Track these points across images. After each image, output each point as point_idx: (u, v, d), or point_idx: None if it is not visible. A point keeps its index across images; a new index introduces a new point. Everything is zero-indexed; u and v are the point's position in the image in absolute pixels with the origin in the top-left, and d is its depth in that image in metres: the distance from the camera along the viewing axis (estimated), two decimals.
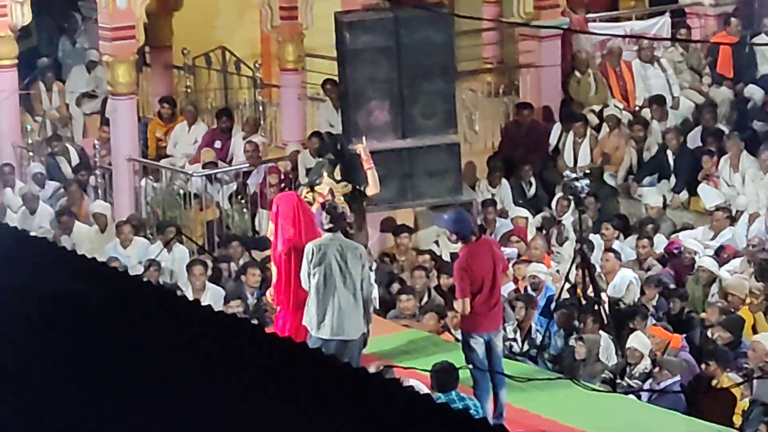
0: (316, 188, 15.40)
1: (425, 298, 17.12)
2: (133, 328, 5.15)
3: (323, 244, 14.21)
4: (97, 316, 5.13)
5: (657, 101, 22.08)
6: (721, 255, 18.11)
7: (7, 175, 20.52)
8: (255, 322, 13.17)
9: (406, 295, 17.01)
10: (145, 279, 12.68)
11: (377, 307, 16.98)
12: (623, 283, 17.22)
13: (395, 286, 17.46)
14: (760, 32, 23.11)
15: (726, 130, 20.74)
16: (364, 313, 14.27)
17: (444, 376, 13.04)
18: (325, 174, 15.68)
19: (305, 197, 15.33)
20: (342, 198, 15.37)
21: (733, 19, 23.34)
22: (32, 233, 8.19)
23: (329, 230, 14.28)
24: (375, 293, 17.23)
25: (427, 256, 18.24)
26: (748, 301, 16.66)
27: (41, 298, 5.28)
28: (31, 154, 21.66)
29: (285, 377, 4.99)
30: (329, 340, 13.73)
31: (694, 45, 23.05)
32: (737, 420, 14.45)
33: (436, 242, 19.14)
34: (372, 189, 15.26)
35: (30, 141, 22.13)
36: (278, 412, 4.59)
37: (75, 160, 21.57)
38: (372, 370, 12.24)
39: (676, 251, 18.43)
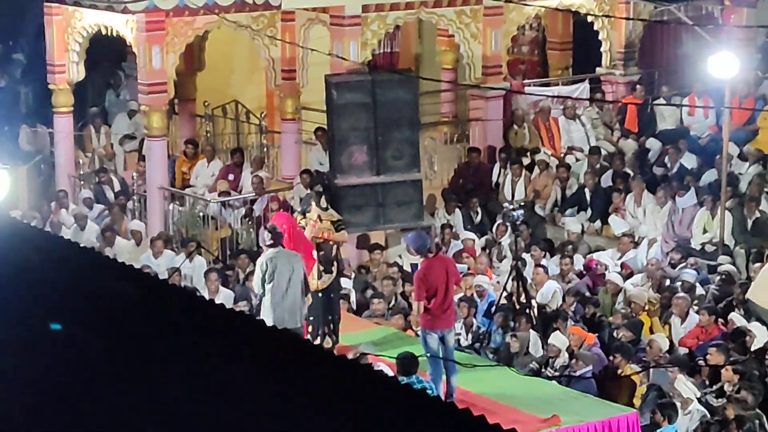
0: (307, 215, 15.45)
1: (393, 302, 17.13)
2: (161, 320, 5.15)
3: (273, 257, 14.48)
4: (132, 310, 5.13)
5: (578, 149, 22.31)
6: (624, 272, 18.21)
7: (63, 199, 20.50)
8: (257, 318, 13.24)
9: (377, 299, 17.02)
10: (170, 283, 12.65)
11: (354, 309, 17.03)
12: (549, 292, 17.26)
13: (369, 292, 17.50)
14: (658, 96, 23.16)
15: (631, 173, 20.73)
16: (303, 306, 14.61)
17: (407, 363, 13.04)
18: (313, 203, 15.73)
19: (300, 223, 15.36)
20: (329, 222, 15.43)
21: (638, 86, 23.42)
22: (82, 245, 8.17)
23: (271, 246, 14.64)
24: (352, 297, 17.30)
25: (395, 268, 18.25)
26: (646, 308, 16.70)
27: (89, 295, 5.28)
28: (82, 182, 21.60)
29: (280, 361, 4.99)
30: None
31: (608, 105, 23.08)
32: (636, 402, 14.49)
33: (400, 256, 19.21)
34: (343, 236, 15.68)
35: (81, 172, 22.07)
36: (276, 390, 4.58)
37: (117, 187, 21.55)
38: (350, 356, 12.27)
39: (591, 267, 18.53)
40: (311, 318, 14.99)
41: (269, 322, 13.86)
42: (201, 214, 20.63)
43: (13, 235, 6.40)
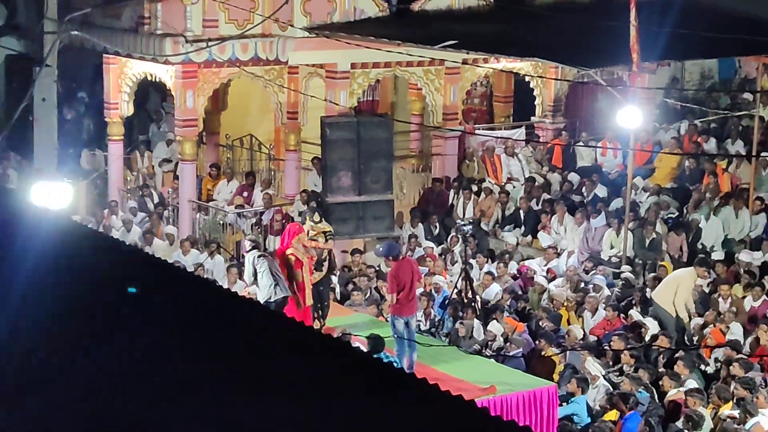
0: (304, 226, 15.51)
1: (368, 294, 17.13)
2: (186, 302, 5.17)
3: (259, 256, 14.91)
4: (166, 295, 5.14)
5: (515, 179, 22.37)
6: (549, 276, 18.26)
7: (113, 208, 20.47)
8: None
9: (357, 291, 17.03)
10: (195, 275, 12.64)
11: (339, 299, 17.03)
12: (491, 292, 17.31)
13: (350, 286, 17.51)
14: (579, 140, 23.22)
15: (556, 199, 20.79)
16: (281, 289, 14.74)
17: (377, 342, 13.06)
18: (308, 217, 15.81)
19: (309, 230, 15.50)
20: (321, 232, 15.47)
21: (563, 132, 23.50)
22: (127, 244, 8.18)
23: (252, 249, 15.12)
24: (337, 289, 17.29)
25: (372, 269, 18.25)
26: (565, 304, 16.75)
27: (133, 281, 5.28)
28: (128, 195, 21.57)
29: (281, 337, 5.00)
30: (273, 301, 14.05)
31: (539, 146, 23.14)
32: (555, 377, 14.54)
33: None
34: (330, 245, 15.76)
35: (128, 187, 22.06)
36: (275, 359, 4.59)
37: (156, 200, 21.52)
38: (336, 334, 12.27)
39: (523, 272, 18.58)
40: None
41: (262, 300, 14.19)
42: (221, 221, 20.66)
43: (74, 235, 6.40)
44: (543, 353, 14.99)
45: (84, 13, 18.67)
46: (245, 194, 21.30)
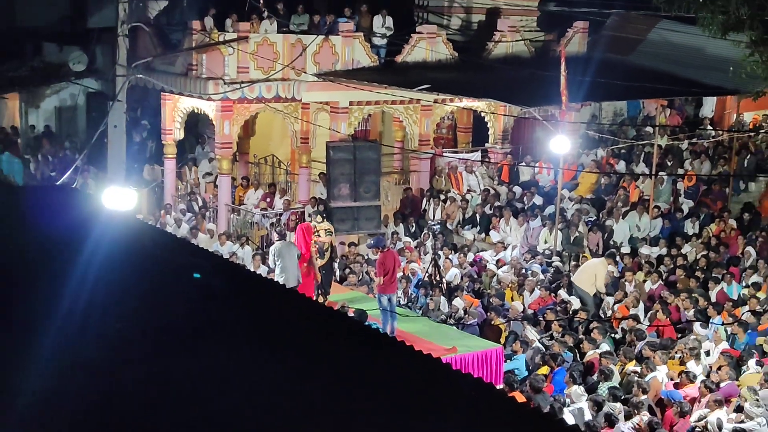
0: (312, 224, 15.64)
1: (361, 277, 17.14)
2: (224, 280, 5.17)
3: (282, 245, 15.16)
4: (207, 275, 5.15)
5: (473, 191, 22.42)
6: (498, 264, 18.29)
7: (168, 209, 20.39)
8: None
9: (352, 274, 17.08)
10: (230, 261, 12.64)
11: (338, 279, 17.05)
12: (453, 276, 17.34)
13: (347, 270, 17.50)
14: (522, 161, 23.25)
15: (504, 206, 20.84)
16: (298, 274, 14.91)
17: (361, 315, 13.14)
18: (316, 218, 15.90)
19: (316, 227, 15.60)
20: (324, 230, 15.55)
21: (509, 155, 23.57)
22: (178, 237, 8.20)
23: (279, 239, 15.44)
24: (337, 273, 17.32)
25: (363, 257, 18.26)
26: (510, 285, 16.79)
27: (182, 265, 5.28)
28: (179, 200, 21.50)
29: (296, 311, 5.02)
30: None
31: (491, 165, 23.19)
32: (502, 341, 14.55)
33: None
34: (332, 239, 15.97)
35: (179, 193, 22.01)
36: (287, 332, 4.61)
37: (200, 203, 21.45)
38: (337, 307, 12.30)
39: (478, 260, 18.59)
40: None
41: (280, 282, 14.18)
42: (249, 221, 20.63)
43: (139, 230, 6.41)
44: (492, 322, 15.04)
45: (147, 60, 18.69)
46: (268, 200, 21.31)
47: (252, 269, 15.58)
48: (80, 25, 28.96)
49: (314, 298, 13.96)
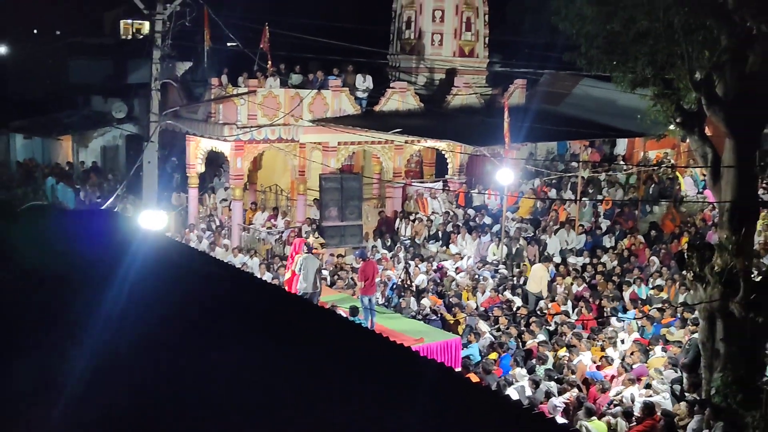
0: (309, 241, 15.53)
1: (347, 282, 17.06)
2: (235, 285, 5.14)
3: (305, 258, 14.54)
4: (221, 281, 5.12)
5: (436, 213, 22.43)
6: (456, 271, 18.28)
7: (192, 228, 20.26)
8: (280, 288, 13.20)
9: (340, 279, 16.98)
10: (241, 270, 12.56)
11: (328, 283, 16.97)
12: (421, 281, 17.32)
13: (336, 276, 17.42)
14: (475, 189, 23.30)
15: (461, 224, 20.84)
16: (319, 282, 14.56)
17: (354, 310, 13.08)
18: (311, 234, 15.85)
19: (311, 242, 15.45)
20: (318, 243, 15.48)
21: (464, 184, 23.59)
22: (199, 251, 8.17)
23: (307, 252, 14.64)
24: (328, 278, 17.24)
25: (350, 266, 18.20)
26: (465, 288, 16.78)
27: (203, 273, 5.25)
28: (201, 220, 21.43)
29: (289, 311, 5.00)
30: (306, 293, 13.87)
31: (451, 192, 23.23)
32: (460, 332, 14.53)
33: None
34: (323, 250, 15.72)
35: (201, 215, 21.91)
36: (287, 327, 4.58)
37: (217, 223, 21.36)
38: (328, 306, 12.24)
39: (440, 268, 18.60)
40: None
41: (302, 289, 13.99)
42: (257, 237, 20.55)
43: (168, 245, 6.36)
44: (452, 317, 15.04)
45: (174, 109, 18.64)
46: (272, 220, 21.24)
47: (259, 276, 15.53)
48: (121, 81, 29.02)
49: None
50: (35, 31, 35.33)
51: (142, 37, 33.87)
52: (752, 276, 10.66)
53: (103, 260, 5.01)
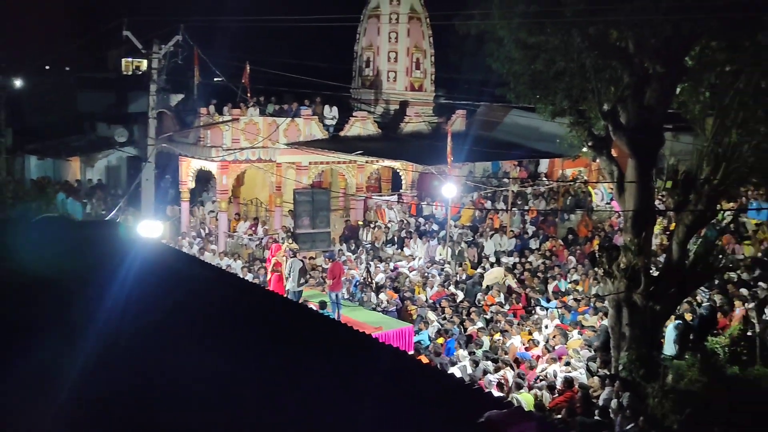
0: (284, 245, 15.36)
1: (318, 280, 16.92)
2: (220, 284, 5.07)
3: (293, 261, 14.45)
4: (208, 280, 5.04)
5: (392, 221, 22.38)
6: (409, 270, 18.25)
7: (184, 236, 19.88)
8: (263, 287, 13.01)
9: (312, 278, 16.80)
10: (225, 271, 12.36)
11: (305, 281, 16.82)
12: (380, 278, 17.26)
13: (308, 276, 17.21)
14: (424, 201, 23.34)
15: (412, 230, 20.81)
16: (304, 283, 14.36)
17: (322, 305, 12.98)
18: (286, 240, 15.69)
19: (286, 247, 15.25)
20: (291, 249, 15.34)
21: (415, 197, 23.65)
22: (189, 255, 8.02)
23: (293, 257, 14.46)
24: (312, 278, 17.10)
25: (320, 266, 18.06)
26: (417, 284, 16.78)
27: (194, 274, 5.16)
28: (192, 229, 21.05)
29: (270, 304, 4.95)
30: (293, 291, 13.76)
31: (405, 204, 23.23)
32: (413, 321, 14.50)
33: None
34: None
35: (192, 225, 21.50)
36: (266, 319, 4.53)
37: (206, 231, 20.99)
38: (300, 301, 12.15)
39: (397, 269, 18.56)
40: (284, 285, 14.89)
41: (291, 287, 13.78)
42: (240, 243, 20.29)
43: (163, 250, 6.25)
44: (406, 309, 15.03)
45: (169, 134, 18.38)
46: (253, 228, 20.99)
47: (241, 276, 15.33)
48: (123, 110, 28.52)
49: (286, 296, 13.77)
50: (47, 68, 34.99)
51: (140, 72, 33.44)
52: (651, 271, 10.85)
53: (107, 263, 4.90)
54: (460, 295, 16.03)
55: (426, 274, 17.39)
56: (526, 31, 10.25)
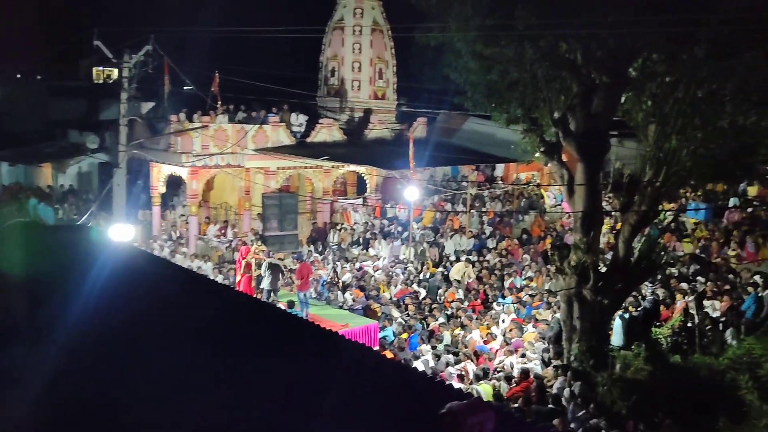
0: (253, 248, 15.18)
1: (287, 280, 16.76)
2: (190, 284, 4.98)
3: (269, 263, 14.24)
4: (178, 282, 4.94)
5: (358, 223, 22.30)
6: (374, 269, 18.21)
7: (155, 239, 19.53)
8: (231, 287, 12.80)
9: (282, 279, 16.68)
10: (197, 272, 12.15)
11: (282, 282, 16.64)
12: (346, 278, 17.18)
13: (285, 278, 17.04)
14: (388, 204, 23.34)
15: (377, 232, 20.85)
16: (278, 282, 14.22)
17: (290, 304, 12.87)
18: (255, 242, 15.52)
19: (255, 249, 15.05)
20: (262, 251, 15.17)
21: (379, 201, 23.63)
22: (161, 257, 7.85)
23: (269, 259, 14.48)
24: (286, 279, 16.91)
25: (288, 267, 17.87)
26: (382, 282, 16.76)
27: (163, 276, 5.06)
28: (163, 232, 20.69)
29: (239, 304, 4.88)
30: (270, 290, 13.61)
31: (369, 206, 23.19)
32: (378, 318, 14.45)
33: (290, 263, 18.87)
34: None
35: (163, 228, 21.08)
36: (234, 319, 4.47)
37: (177, 234, 20.56)
38: (270, 301, 12.02)
39: (363, 268, 18.51)
40: (253, 286, 14.68)
41: (266, 287, 13.59)
42: (211, 245, 19.99)
43: (134, 253, 6.12)
44: (371, 306, 15.02)
45: (140, 141, 18.02)
46: (223, 231, 20.72)
47: (212, 277, 15.09)
48: (94, 118, 27.90)
49: (255, 296, 13.61)
50: (18, 76, 34.07)
51: (112, 81, 32.75)
52: (599, 268, 11.03)
53: (79, 266, 4.77)
54: (423, 293, 16.08)
55: (390, 273, 17.39)
56: (481, 43, 10.35)
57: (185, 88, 20.28)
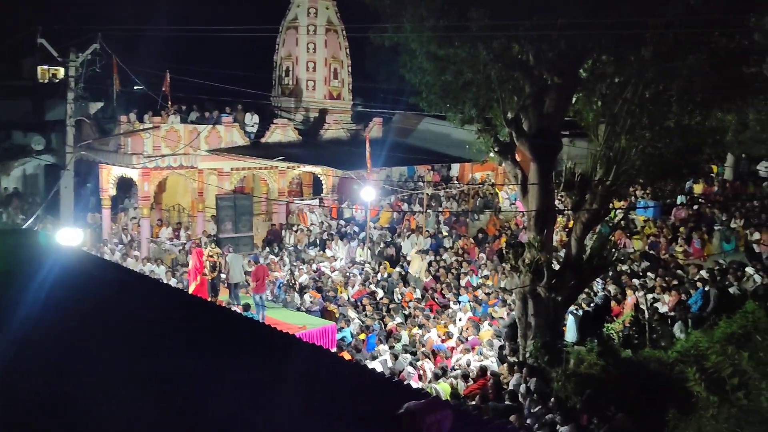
0: (207, 248, 14.91)
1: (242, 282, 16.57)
2: (141, 289, 4.85)
3: (232, 256, 14.31)
4: (128, 286, 4.80)
5: (314, 224, 22.16)
6: (331, 270, 18.13)
7: (105, 243, 19.01)
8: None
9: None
10: (149, 277, 11.83)
11: (226, 285, 16.32)
12: (303, 279, 17.02)
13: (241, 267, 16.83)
14: (344, 204, 23.29)
15: (334, 233, 20.75)
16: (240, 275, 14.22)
17: (246, 307, 12.70)
18: (210, 245, 15.24)
19: (209, 252, 14.77)
20: (216, 253, 14.90)
21: (336, 201, 23.49)
22: (111, 262, 7.62)
23: (233, 252, 14.47)
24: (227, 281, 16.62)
25: (245, 270, 17.64)
26: (339, 283, 16.69)
27: (114, 279, 4.90)
28: (113, 236, 20.15)
29: (193, 308, 4.78)
30: (235, 283, 13.41)
31: (326, 207, 23.06)
32: (334, 319, 14.39)
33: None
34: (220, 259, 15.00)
35: (114, 231, 20.57)
36: (188, 323, 4.38)
37: (129, 238, 20.07)
38: (224, 304, 11.80)
39: (320, 269, 18.41)
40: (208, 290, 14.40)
41: (232, 281, 13.49)
42: (164, 248, 19.56)
43: (83, 258, 5.92)
44: (328, 308, 14.95)
45: (88, 142, 17.52)
46: (176, 234, 20.32)
47: (165, 281, 14.77)
48: (40, 118, 26.93)
49: (208, 299, 13.36)
50: None
51: (57, 80, 31.69)
52: (552, 266, 11.23)
53: (23, 271, 4.59)
54: (380, 293, 16.09)
55: (347, 274, 17.36)
56: (436, 44, 10.41)
57: (135, 87, 19.81)
